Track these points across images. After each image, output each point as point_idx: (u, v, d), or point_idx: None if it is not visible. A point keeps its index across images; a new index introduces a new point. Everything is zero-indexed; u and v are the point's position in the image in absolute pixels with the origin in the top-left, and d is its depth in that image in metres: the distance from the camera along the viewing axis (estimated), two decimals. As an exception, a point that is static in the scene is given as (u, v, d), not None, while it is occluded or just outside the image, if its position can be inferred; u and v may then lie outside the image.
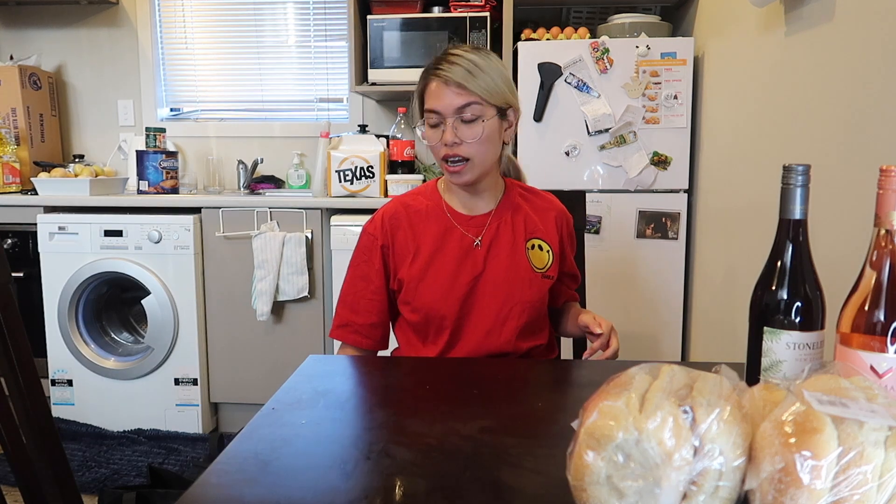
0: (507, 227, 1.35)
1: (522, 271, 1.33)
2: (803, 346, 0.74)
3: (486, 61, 1.27)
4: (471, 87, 1.24)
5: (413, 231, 1.35)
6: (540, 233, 1.38)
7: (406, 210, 1.37)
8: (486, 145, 1.27)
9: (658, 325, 2.55)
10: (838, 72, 1.52)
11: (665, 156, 2.46)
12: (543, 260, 1.37)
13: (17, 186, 2.85)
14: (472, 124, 1.25)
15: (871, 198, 0.72)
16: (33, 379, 0.99)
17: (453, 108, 1.25)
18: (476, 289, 1.32)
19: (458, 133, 1.25)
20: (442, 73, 1.25)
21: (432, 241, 1.33)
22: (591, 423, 0.56)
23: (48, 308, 2.58)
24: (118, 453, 2.42)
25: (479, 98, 1.24)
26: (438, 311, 1.31)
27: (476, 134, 1.25)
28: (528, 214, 1.38)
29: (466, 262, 1.32)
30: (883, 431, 0.51)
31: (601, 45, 2.44)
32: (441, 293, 1.31)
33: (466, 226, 1.35)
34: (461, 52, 1.27)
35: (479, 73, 1.25)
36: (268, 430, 0.84)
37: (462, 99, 1.24)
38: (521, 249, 1.35)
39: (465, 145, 1.25)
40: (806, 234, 0.76)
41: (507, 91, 1.29)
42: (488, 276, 1.32)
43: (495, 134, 1.29)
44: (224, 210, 2.55)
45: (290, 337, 2.59)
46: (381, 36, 2.68)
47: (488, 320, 1.31)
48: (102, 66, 3.26)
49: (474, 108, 1.25)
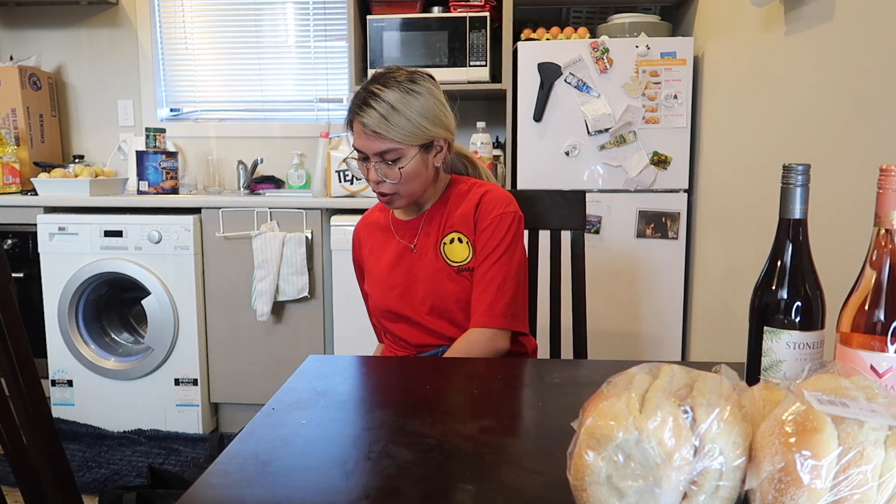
0: (433, 226, 1.38)
1: (441, 268, 1.35)
2: (803, 345, 0.74)
3: (404, 101, 1.26)
4: (387, 135, 1.26)
5: (369, 245, 1.46)
6: (459, 225, 1.36)
7: (366, 225, 1.49)
8: (410, 181, 1.31)
9: (658, 325, 2.55)
10: (838, 72, 1.52)
11: (665, 156, 2.46)
12: (462, 254, 1.36)
13: (17, 187, 2.85)
14: (393, 164, 1.29)
15: (871, 197, 0.72)
16: (33, 379, 0.99)
17: (373, 151, 1.28)
18: (410, 290, 1.37)
19: (380, 173, 1.29)
20: (360, 117, 1.27)
21: (379, 251, 1.42)
22: (591, 423, 0.56)
23: (48, 308, 2.58)
24: (118, 454, 2.42)
25: (396, 143, 1.27)
26: (379, 314, 1.42)
27: (395, 176, 1.29)
28: (452, 209, 1.38)
29: (401, 267, 1.38)
30: (883, 431, 0.51)
31: (601, 44, 2.44)
32: (380, 297, 1.40)
33: (402, 231, 1.41)
34: (380, 91, 1.26)
35: (396, 116, 1.25)
36: (268, 431, 0.84)
37: (381, 144, 1.27)
38: (439, 246, 1.37)
39: (387, 184, 1.30)
40: (806, 233, 0.76)
41: (429, 126, 1.29)
42: (419, 276, 1.37)
43: (420, 168, 1.31)
44: (224, 210, 2.55)
45: (290, 337, 2.59)
46: (380, 36, 2.68)
47: (424, 320, 1.36)
48: (102, 66, 3.26)
49: (393, 153, 1.28)
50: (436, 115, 1.30)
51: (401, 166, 1.28)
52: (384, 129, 1.25)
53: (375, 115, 1.25)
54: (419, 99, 1.28)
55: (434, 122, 1.30)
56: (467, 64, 2.63)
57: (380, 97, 1.26)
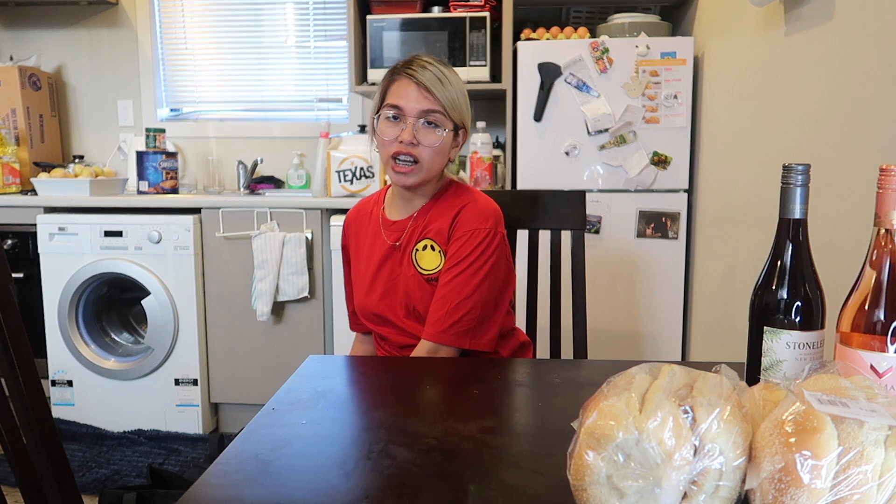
0: (417, 230, 1.35)
1: (413, 275, 1.33)
2: (803, 345, 0.74)
3: (453, 76, 1.31)
4: (438, 95, 1.27)
5: (357, 237, 1.44)
6: (434, 233, 1.33)
7: (357, 215, 1.47)
8: (438, 155, 1.30)
9: (658, 325, 2.55)
10: (838, 71, 1.52)
11: (665, 156, 2.46)
12: (433, 262, 1.33)
13: (17, 187, 2.85)
14: (431, 130, 1.28)
15: (871, 197, 0.72)
16: (33, 379, 0.99)
17: (418, 109, 1.27)
18: (391, 292, 1.36)
19: (417, 135, 1.27)
20: (414, 73, 1.27)
21: (368, 250, 1.40)
22: (591, 422, 0.56)
23: (48, 308, 2.58)
24: (118, 454, 2.42)
25: (442, 108, 1.28)
26: (362, 314, 1.41)
27: (434, 141, 1.28)
28: (435, 217, 1.35)
29: (385, 269, 1.36)
30: (883, 431, 0.51)
31: (601, 44, 2.44)
32: (363, 299, 1.39)
33: (389, 231, 1.38)
34: (432, 61, 1.30)
35: (448, 84, 1.28)
36: (268, 431, 0.84)
37: (428, 103, 1.27)
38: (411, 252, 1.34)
39: (421, 148, 1.28)
40: (806, 233, 0.76)
41: (466, 111, 1.33)
42: (400, 280, 1.35)
43: (447, 148, 1.32)
44: (224, 210, 2.55)
45: (290, 337, 2.59)
46: (380, 36, 2.68)
47: (402, 322, 1.35)
48: (102, 66, 3.26)
49: (437, 117, 1.28)
50: (468, 105, 1.34)
51: (438, 134, 1.28)
52: (438, 89, 1.26)
53: (431, 75, 1.27)
54: (460, 83, 1.32)
55: (468, 110, 1.34)
56: (467, 64, 2.63)
57: (434, 64, 1.28)
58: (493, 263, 1.30)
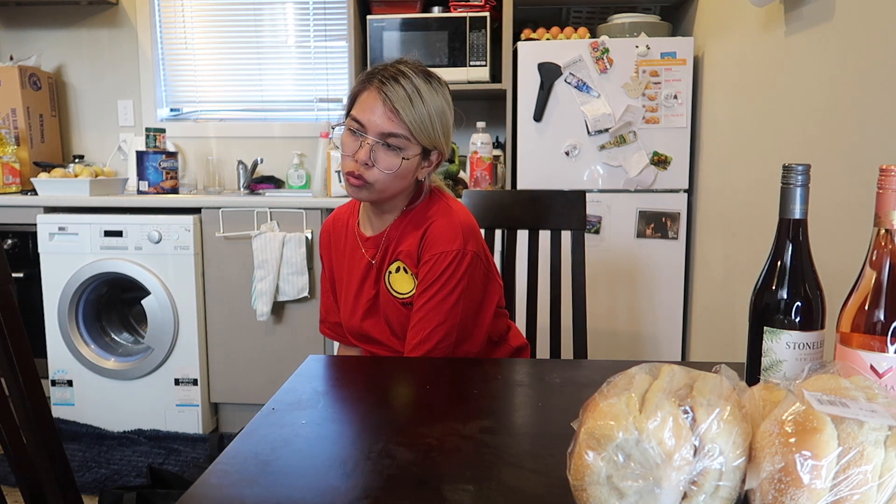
0: (390, 248, 1.29)
1: (389, 299, 1.29)
2: (803, 345, 0.74)
3: (430, 94, 1.19)
4: (405, 117, 1.16)
5: (336, 249, 1.39)
6: (404, 255, 1.27)
7: (333, 226, 1.40)
8: (395, 179, 1.21)
9: (658, 325, 2.55)
10: (838, 71, 1.52)
11: (665, 156, 2.46)
12: (406, 286, 1.27)
13: (17, 187, 2.85)
14: (391, 154, 1.18)
15: (871, 198, 0.72)
16: (33, 379, 0.99)
17: (379, 130, 1.18)
18: (374, 309, 1.32)
19: (373, 156, 1.18)
20: (383, 88, 1.17)
21: (349, 265, 1.35)
22: (591, 423, 0.56)
23: (48, 308, 2.58)
24: (118, 454, 2.42)
25: (408, 132, 1.18)
26: (351, 330, 1.36)
27: (391, 165, 1.18)
28: (404, 235, 1.27)
29: (366, 287, 1.32)
30: (883, 431, 0.51)
31: (601, 44, 2.44)
32: (348, 317, 1.36)
33: (365, 245, 1.32)
34: (411, 73, 1.19)
35: (420, 103, 1.17)
36: (268, 431, 0.84)
37: (391, 125, 1.17)
38: (384, 274, 1.29)
39: (375, 171, 1.19)
40: (806, 233, 0.76)
41: (439, 133, 1.22)
42: (380, 298, 1.31)
43: (409, 171, 1.22)
44: (224, 210, 2.55)
45: (290, 337, 2.59)
46: (380, 36, 2.68)
47: (389, 340, 1.32)
48: (102, 66, 3.26)
49: (399, 140, 1.18)
50: (446, 125, 1.24)
51: (397, 159, 1.19)
52: (406, 110, 1.16)
53: (402, 92, 1.16)
54: (439, 101, 1.21)
55: (443, 131, 1.23)
56: (467, 64, 2.63)
57: (410, 78, 1.17)
58: (464, 286, 1.23)
